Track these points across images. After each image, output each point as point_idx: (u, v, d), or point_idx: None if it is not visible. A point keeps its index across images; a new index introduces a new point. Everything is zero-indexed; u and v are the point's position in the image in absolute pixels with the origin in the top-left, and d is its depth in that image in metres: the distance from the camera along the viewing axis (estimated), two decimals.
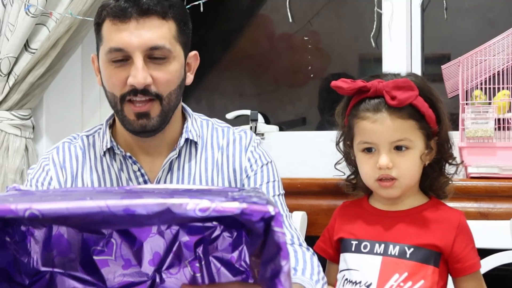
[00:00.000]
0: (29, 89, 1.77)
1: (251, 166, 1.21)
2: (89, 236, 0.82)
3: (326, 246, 1.26)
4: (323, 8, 1.98)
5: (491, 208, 1.50)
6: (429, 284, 1.11)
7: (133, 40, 1.08)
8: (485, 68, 1.63)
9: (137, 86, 1.08)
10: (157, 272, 0.83)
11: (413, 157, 1.13)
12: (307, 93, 2.04)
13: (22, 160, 1.79)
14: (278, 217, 0.61)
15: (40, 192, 0.83)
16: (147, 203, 0.60)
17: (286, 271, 0.61)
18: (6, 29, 1.74)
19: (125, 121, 1.13)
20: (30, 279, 0.81)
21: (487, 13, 1.83)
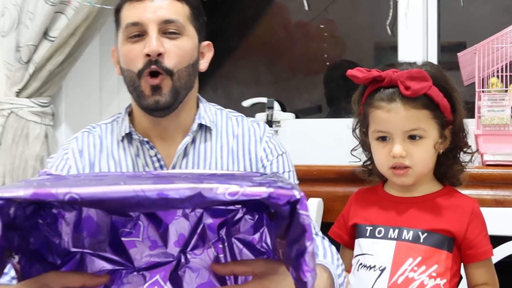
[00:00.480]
0: (48, 76, 1.78)
1: (267, 156, 1.22)
2: (117, 218, 0.84)
3: (341, 231, 1.28)
4: None
5: (507, 196, 1.50)
6: (443, 269, 1.13)
7: (148, 14, 1.12)
8: (501, 56, 1.62)
9: (151, 54, 1.10)
10: (182, 252, 0.86)
11: (427, 146, 1.14)
12: (322, 81, 2.04)
13: (42, 147, 1.80)
14: (303, 200, 0.63)
15: (72, 176, 0.85)
16: (179, 187, 0.62)
17: (310, 251, 0.63)
18: (25, 17, 1.75)
19: (141, 97, 1.14)
20: (61, 259, 0.83)
21: (504, 0, 1.83)
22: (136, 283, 0.86)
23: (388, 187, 1.25)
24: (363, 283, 1.17)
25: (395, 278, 1.14)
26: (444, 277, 1.13)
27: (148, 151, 1.19)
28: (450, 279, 1.14)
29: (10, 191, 0.63)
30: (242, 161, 1.22)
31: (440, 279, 1.13)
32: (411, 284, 1.13)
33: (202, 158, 1.20)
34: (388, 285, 1.14)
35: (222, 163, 1.20)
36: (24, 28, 1.76)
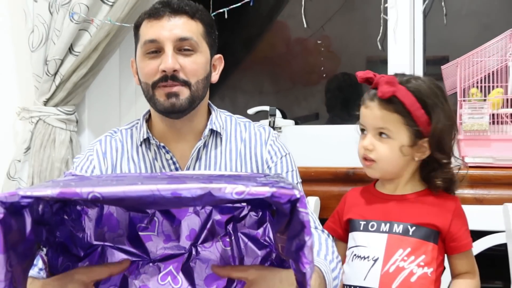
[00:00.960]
0: (73, 87, 1.78)
1: (272, 158, 1.21)
2: (135, 215, 0.85)
3: (335, 226, 1.28)
4: (334, 14, 1.98)
5: (485, 194, 1.50)
6: (430, 259, 1.13)
7: (164, 32, 1.12)
8: (480, 69, 1.63)
9: (167, 71, 1.10)
10: (193, 246, 0.86)
11: (392, 146, 1.15)
12: (319, 91, 2.03)
13: (67, 151, 1.80)
14: (303, 199, 0.63)
15: (94, 177, 0.86)
16: (191, 187, 0.62)
17: (309, 245, 0.63)
18: (53, 34, 1.76)
19: (157, 104, 1.14)
20: (84, 251, 0.84)
21: (483, 18, 1.83)
22: (152, 273, 0.86)
23: (379, 186, 1.25)
24: (358, 272, 1.17)
25: (387, 267, 1.14)
26: (431, 266, 1.13)
27: (165, 155, 1.19)
28: (436, 268, 1.14)
29: (38, 190, 0.63)
30: (249, 163, 1.21)
31: (427, 268, 1.13)
32: (401, 272, 1.13)
33: (213, 161, 1.20)
34: (381, 273, 1.14)
35: (231, 165, 1.20)
36: (51, 44, 1.76)
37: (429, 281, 1.13)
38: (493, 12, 1.82)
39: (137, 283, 0.85)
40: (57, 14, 1.75)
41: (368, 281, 1.15)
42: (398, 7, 1.79)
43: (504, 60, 1.61)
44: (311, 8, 1.95)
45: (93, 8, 1.73)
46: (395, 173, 1.19)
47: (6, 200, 0.62)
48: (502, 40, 1.60)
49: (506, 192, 1.49)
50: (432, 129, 1.14)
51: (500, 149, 1.57)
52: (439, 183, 1.16)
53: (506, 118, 1.59)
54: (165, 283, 0.86)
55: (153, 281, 0.85)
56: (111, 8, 1.72)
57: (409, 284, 1.12)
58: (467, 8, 1.84)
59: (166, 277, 0.86)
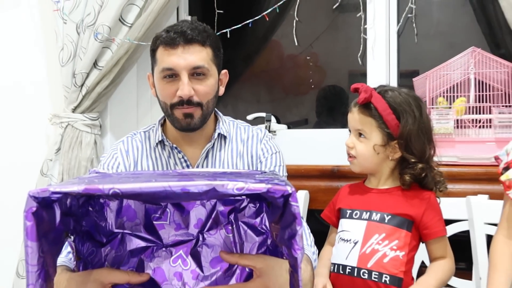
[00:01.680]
0: (97, 97, 1.78)
1: (264, 154, 1.21)
2: (150, 206, 0.84)
3: (330, 214, 1.29)
4: (321, 34, 1.98)
5: (451, 188, 1.49)
6: (402, 244, 1.14)
7: (180, 61, 1.10)
8: (446, 81, 1.63)
9: (183, 97, 1.11)
10: (200, 233, 0.86)
11: (367, 145, 1.17)
12: (308, 100, 2.04)
13: (92, 151, 1.80)
14: (294, 194, 0.63)
15: (115, 174, 0.86)
16: (198, 184, 0.62)
17: (300, 234, 0.63)
18: (80, 51, 1.76)
19: (175, 121, 1.15)
20: (107, 238, 0.84)
21: (448, 38, 1.83)
22: (164, 256, 0.86)
23: (366, 181, 1.26)
24: (341, 253, 1.18)
25: (365, 249, 1.15)
26: (403, 250, 1.13)
27: (177, 154, 1.19)
28: (408, 252, 1.14)
29: (66, 186, 0.63)
30: (246, 159, 1.22)
31: (399, 251, 1.13)
32: (375, 254, 1.14)
33: (218, 160, 1.20)
34: (359, 254, 1.15)
35: (232, 162, 1.21)
36: (79, 60, 1.77)
37: (400, 262, 1.13)
38: (457, 33, 1.83)
39: (152, 265, 0.85)
40: (83, 34, 1.75)
41: (349, 260, 1.16)
42: (376, 28, 1.80)
43: (466, 74, 1.61)
44: (301, 28, 1.95)
45: (114, 29, 1.73)
46: (372, 169, 1.20)
47: (38, 196, 0.62)
48: (465, 56, 1.61)
49: (468, 187, 1.49)
50: (400, 132, 1.14)
51: (463, 150, 1.58)
52: (408, 178, 1.16)
53: (468, 123, 1.60)
54: (176, 265, 0.85)
55: (166, 263, 0.85)
56: (129, 29, 1.73)
57: (382, 264, 1.13)
58: (435, 29, 1.85)
59: (177, 260, 0.85)
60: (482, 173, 1.50)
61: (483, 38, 1.79)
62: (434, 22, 1.85)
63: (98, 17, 1.72)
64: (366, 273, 1.13)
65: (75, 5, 1.76)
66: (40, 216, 0.63)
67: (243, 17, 1.74)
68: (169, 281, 0.84)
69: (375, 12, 1.79)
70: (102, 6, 1.72)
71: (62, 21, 1.78)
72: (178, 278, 0.84)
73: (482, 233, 1.33)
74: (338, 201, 1.27)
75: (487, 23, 1.79)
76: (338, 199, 1.27)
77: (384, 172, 1.20)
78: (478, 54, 1.59)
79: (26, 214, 0.62)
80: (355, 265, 1.14)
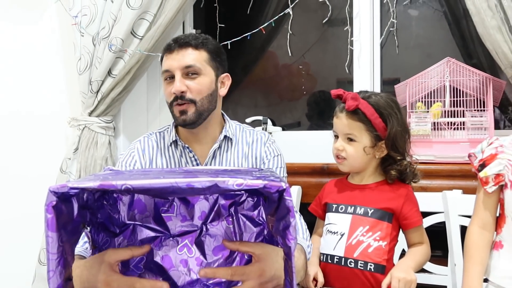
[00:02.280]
0: (111, 102, 1.78)
1: (267, 156, 1.21)
2: (158, 200, 0.84)
3: (317, 208, 1.28)
4: (312, 46, 1.98)
5: (428, 184, 1.51)
6: (384, 234, 1.14)
7: (174, 63, 1.13)
8: (424, 88, 1.63)
9: (176, 93, 1.12)
10: (204, 224, 0.85)
11: (358, 148, 1.15)
12: (301, 105, 2.03)
13: (106, 151, 1.79)
14: (288, 190, 0.63)
15: (127, 171, 0.85)
16: (201, 180, 0.62)
17: (293, 225, 0.64)
18: (95, 61, 1.76)
19: (174, 118, 1.16)
20: (119, 229, 0.83)
21: (426, 49, 1.83)
22: (171, 245, 0.85)
23: (349, 178, 1.25)
24: (329, 243, 1.18)
25: (351, 240, 1.14)
26: (385, 240, 1.13)
27: (188, 153, 1.19)
28: (390, 242, 1.14)
29: (83, 182, 0.63)
30: (251, 160, 1.21)
31: (382, 242, 1.13)
32: (361, 245, 1.13)
33: (225, 159, 1.20)
34: (345, 245, 1.14)
35: (238, 162, 1.21)
36: (95, 69, 1.76)
37: (382, 251, 1.13)
38: (434, 44, 1.82)
39: (160, 253, 0.84)
40: (99, 45, 1.75)
41: (336, 251, 1.15)
42: (361, 40, 1.80)
43: (442, 81, 1.61)
44: (294, 41, 1.95)
45: (126, 41, 1.73)
46: (360, 168, 1.19)
47: (58, 191, 0.62)
48: (441, 66, 1.61)
49: (444, 182, 1.49)
50: (387, 133, 1.14)
51: (440, 150, 1.58)
52: (394, 173, 1.17)
53: (444, 125, 1.60)
54: (182, 253, 0.85)
55: (173, 251, 0.85)
56: (140, 41, 1.72)
57: (366, 253, 1.12)
58: (414, 41, 1.85)
59: (182, 248, 0.85)
60: (457, 170, 1.50)
61: (457, 50, 1.79)
62: (414, 35, 1.85)
63: (112, 30, 1.72)
64: (353, 262, 1.13)
65: (91, 19, 1.76)
66: (60, 209, 0.63)
67: (242, 30, 1.73)
68: (176, 267, 0.84)
69: (360, 26, 1.79)
70: (115, 20, 1.72)
71: (79, 34, 1.78)
72: (184, 264, 0.84)
73: (457, 224, 1.33)
74: (324, 196, 1.26)
75: (460, 36, 1.79)
76: (324, 194, 1.26)
77: (369, 170, 1.20)
78: (453, 64, 1.59)
79: (46, 207, 0.62)
80: (342, 255, 1.14)
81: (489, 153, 1.04)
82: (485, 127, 1.54)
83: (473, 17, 1.43)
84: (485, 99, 1.55)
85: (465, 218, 1.32)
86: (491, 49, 1.42)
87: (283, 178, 1.24)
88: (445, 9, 1.81)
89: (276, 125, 1.95)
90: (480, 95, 1.56)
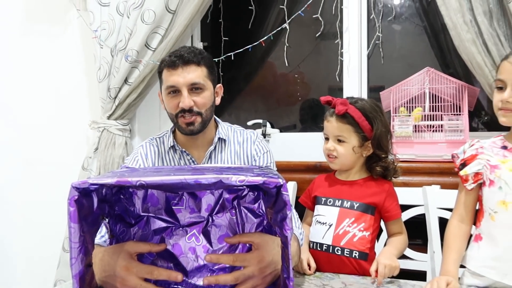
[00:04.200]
0: (127, 107, 1.78)
1: (257, 153, 1.21)
2: (170, 194, 0.84)
3: (307, 200, 1.27)
4: (306, 57, 1.97)
5: (410, 180, 1.50)
6: (367, 226, 1.13)
7: (180, 80, 1.10)
8: (406, 94, 1.63)
9: (185, 108, 1.11)
10: (210, 215, 0.85)
11: (347, 148, 1.14)
12: (296, 110, 2.03)
13: (123, 150, 1.80)
14: (285, 185, 0.63)
15: (141, 169, 0.85)
16: (207, 177, 0.62)
17: (289, 217, 0.64)
18: (113, 70, 1.76)
19: (180, 128, 1.15)
20: (135, 220, 0.83)
21: (408, 60, 1.83)
22: (181, 235, 0.85)
23: (337, 174, 1.24)
24: (318, 233, 1.17)
25: (338, 231, 1.14)
26: (368, 231, 1.13)
27: (186, 156, 1.19)
28: (372, 232, 1.14)
29: (102, 179, 0.63)
30: (243, 159, 1.21)
31: (365, 232, 1.12)
32: (347, 235, 1.13)
33: (219, 159, 1.20)
34: (333, 235, 1.14)
35: (232, 161, 1.20)
36: (113, 77, 1.76)
37: (366, 241, 1.12)
38: (415, 56, 1.82)
39: (171, 242, 0.84)
40: (116, 56, 1.75)
41: (325, 239, 1.15)
42: (350, 52, 1.79)
43: (422, 88, 1.61)
44: (290, 52, 1.95)
45: (141, 52, 1.73)
46: (349, 165, 1.19)
47: (79, 186, 0.62)
48: (421, 75, 1.60)
49: (424, 179, 1.49)
50: (373, 134, 1.13)
51: (420, 149, 1.58)
52: (379, 170, 1.16)
53: (424, 128, 1.60)
54: (190, 241, 0.85)
55: (182, 240, 0.85)
56: (153, 52, 1.72)
57: (352, 242, 1.12)
58: (397, 53, 1.85)
59: (191, 237, 0.85)
60: (435, 168, 1.49)
61: (436, 60, 1.79)
62: (397, 47, 1.85)
63: (128, 43, 1.72)
64: (340, 250, 1.12)
65: (109, 33, 1.76)
66: (81, 203, 0.63)
67: (244, 43, 1.73)
68: (185, 254, 0.84)
69: (349, 39, 1.79)
70: (131, 34, 1.72)
71: (99, 46, 1.78)
72: (192, 251, 0.84)
73: (435, 216, 1.33)
74: (313, 189, 1.25)
75: (439, 48, 1.79)
76: (314, 187, 1.25)
77: (356, 167, 1.19)
78: (432, 73, 1.58)
79: (69, 201, 0.62)
80: (330, 244, 1.13)
81: (470, 153, 1.03)
82: (461, 130, 1.54)
83: (450, 31, 1.43)
84: (460, 105, 1.55)
85: (443, 210, 1.32)
86: (466, 60, 1.42)
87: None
88: (425, 24, 1.81)
89: (274, 127, 1.94)
90: (456, 101, 1.56)
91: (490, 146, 1.02)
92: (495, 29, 1.37)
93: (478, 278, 1.00)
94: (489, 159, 1.00)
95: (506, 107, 0.95)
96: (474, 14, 1.38)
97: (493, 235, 0.99)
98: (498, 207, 0.97)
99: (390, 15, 1.82)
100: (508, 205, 0.96)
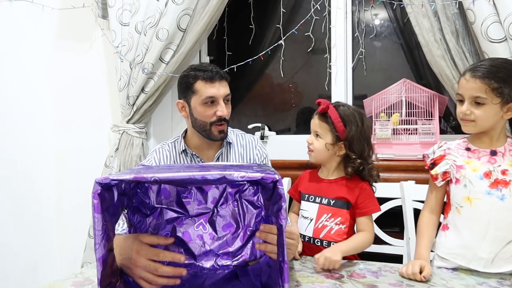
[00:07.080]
0: (144, 113, 1.77)
1: (259, 158, 1.22)
2: (180, 188, 0.84)
3: (295, 192, 1.25)
4: (299, 69, 1.97)
5: (389, 176, 1.50)
6: (343, 220, 1.11)
7: (219, 92, 1.12)
8: (386, 102, 1.63)
9: (225, 116, 1.13)
10: (215, 207, 0.86)
11: (321, 143, 1.13)
12: (291, 115, 2.03)
13: (140, 150, 1.79)
14: (280, 180, 0.63)
15: (155, 167, 0.85)
16: (213, 173, 0.62)
17: (284, 208, 0.64)
18: (132, 81, 1.75)
19: (211, 135, 1.14)
20: (150, 211, 0.84)
21: (387, 72, 1.82)
22: (190, 224, 0.85)
23: (319, 172, 1.22)
24: (302, 226, 1.16)
25: (317, 224, 1.13)
26: (344, 224, 1.11)
27: (196, 159, 1.18)
28: (348, 225, 1.11)
29: (121, 176, 0.63)
30: (246, 160, 1.21)
31: (342, 225, 1.11)
32: (325, 228, 1.11)
33: (226, 160, 1.20)
34: (313, 228, 1.13)
35: (235, 162, 1.20)
36: (131, 87, 1.76)
37: (342, 232, 1.10)
38: (393, 69, 1.82)
39: (181, 230, 0.85)
40: (134, 69, 1.74)
41: (307, 232, 1.14)
42: (338, 65, 1.79)
43: (399, 97, 1.61)
44: (285, 65, 1.95)
45: (156, 65, 1.72)
46: (323, 161, 1.16)
47: (102, 182, 0.62)
48: (398, 85, 1.60)
49: (401, 175, 1.49)
50: (345, 135, 1.12)
51: (398, 149, 1.57)
52: (350, 170, 1.11)
53: (401, 131, 1.59)
54: (198, 230, 0.85)
55: (191, 228, 0.85)
56: (166, 65, 1.72)
57: (330, 235, 1.11)
58: (378, 66, 1.84)
59: (199, 226, 0.85)
60: (411, 166, 1.49)
61: (411, 73, 1.79)
62: (378, 61, 1.85)
63: (145, 57, 1.71)
64: (319, 242, 1.11)
65: (129, 49, 1.75)
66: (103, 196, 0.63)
67: (245, 57, 1.73)
68: (193, 240, 0.84)
69: (337, 54, 1.79)
70: (147, 49, 1.71)
71: (120, 60, 1.78)
72: (199, 238, 0.84)
73: (411, 207, 1.33)
74: (299, 184, 1.23)
75: (413, 62, 1.79)
76: (300, 183, 1.23)
77: (332, 165, 1.17)
78: (408, 83, 1.58)
79: (93, 195, 0.62)
80: (311, 236, 1.12)
81: (438, 154, 1.04)
82: (432, 133, 1.54)
83: (423, 48, 1.43)
84: (432, 111, 1.55)
85: (417, 202, 1.32)
86: (437, 73, 1.42)
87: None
88: (401, 41, 1.81)
89: (271, 130, 1.94)
90: (429, 107, 1.56)
91: (456, 148, 1.02)
92: (461, 46, 1.38)
93: (446, 262, 1.00)
94: (455, 159, 1.00)
95: (465, 118, 0.96)
96: (443, 33, 1.39)
97: (459, 227, 0.99)
98: (464, 202, 0.97)
99: (371, 33, 1.82)
100: (472, 201, 0.96)
